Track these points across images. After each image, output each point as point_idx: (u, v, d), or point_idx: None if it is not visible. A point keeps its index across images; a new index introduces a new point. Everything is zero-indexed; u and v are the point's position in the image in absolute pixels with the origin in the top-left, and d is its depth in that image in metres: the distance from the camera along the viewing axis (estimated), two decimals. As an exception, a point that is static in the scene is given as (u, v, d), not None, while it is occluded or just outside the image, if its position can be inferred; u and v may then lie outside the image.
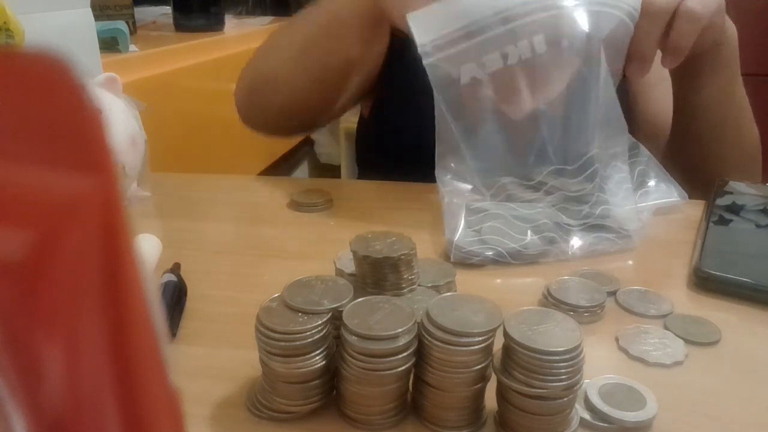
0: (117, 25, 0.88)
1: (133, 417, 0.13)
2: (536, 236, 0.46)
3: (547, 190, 0.49)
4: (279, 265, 0.45)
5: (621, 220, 0.47)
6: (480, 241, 0.45)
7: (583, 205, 0.48)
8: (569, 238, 0.46)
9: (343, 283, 0.30)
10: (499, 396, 0.28)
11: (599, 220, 0.47)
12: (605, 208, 0.48)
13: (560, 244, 0.46)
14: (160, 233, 0.45)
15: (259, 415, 0.29)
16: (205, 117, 1.06)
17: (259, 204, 0.55)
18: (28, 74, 0.11)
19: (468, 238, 0.45)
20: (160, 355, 0.13)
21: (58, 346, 0.12)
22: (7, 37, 0.49)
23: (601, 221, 0.47)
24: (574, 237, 0.46)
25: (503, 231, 0.46)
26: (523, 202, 0.49)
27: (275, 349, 0.27)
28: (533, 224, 0.46)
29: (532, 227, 0.46)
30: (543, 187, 0.50)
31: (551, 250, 0.45)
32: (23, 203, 0.11)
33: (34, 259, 0.11)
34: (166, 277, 0.39)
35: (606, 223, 0.47)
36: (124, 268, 0.12)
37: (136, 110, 0.54)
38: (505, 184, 0.50)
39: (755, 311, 0.39)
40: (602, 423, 0.28)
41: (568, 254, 0.45)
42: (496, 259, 0.44)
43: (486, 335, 0.26)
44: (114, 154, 0.12)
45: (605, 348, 0.35)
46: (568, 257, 0.45)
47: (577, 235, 0.47)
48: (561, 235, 0.46)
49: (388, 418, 0.28)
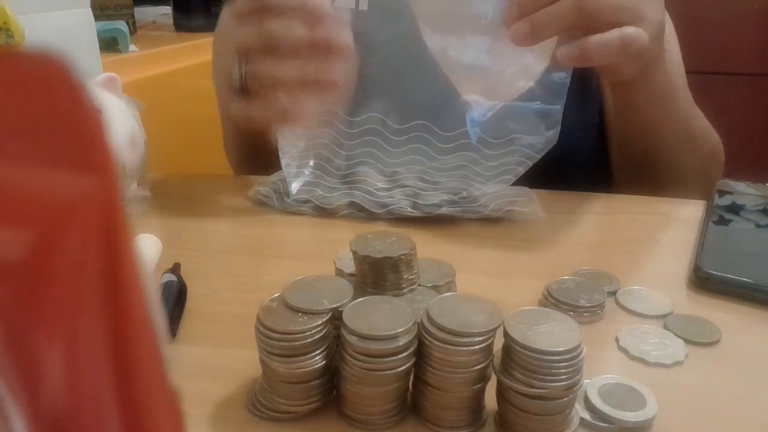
0: (117, 25, 0.88)
1: (133, 417, 0.13)
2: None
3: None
4: (279, 265, 0.45)
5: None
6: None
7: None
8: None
9: (343, 283, 0.30)
10: (499, 396, 0.28)
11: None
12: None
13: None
14: (160, 233, 0.45)
15: (259, 415, 0.29)
16: (205, 117, 1.06)
17: (259, 204, 0.55)
18: (28, 74, 0.11)
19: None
20: (160, 355, 0.13)
21: (58, 346, 0.12)
22: (7, 37, 0.49)
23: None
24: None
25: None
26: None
27: (275, 349, 0.27)
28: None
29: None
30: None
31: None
32: (23, 203, 0.11)
33: (34, 259, 0.11)
34: (166, 277, 0.39)
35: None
36: (124, 268, 0.12)
37: (136, 110, 0.54)
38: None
39: (755, 311, 0.39)
40: (602, 423, 0.28)
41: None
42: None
43: (486, 335, 0.26)
44: (114, 154, 0.12)
45: (605, 348, 0.35)
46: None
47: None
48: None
49: (388, 418, 0.28)
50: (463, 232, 0.49)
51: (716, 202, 0.52)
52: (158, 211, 0.55)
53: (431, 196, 0.51)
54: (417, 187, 0.53)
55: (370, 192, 0.52)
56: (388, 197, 0.51)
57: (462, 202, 0.51)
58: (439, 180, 0.54)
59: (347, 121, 0.55)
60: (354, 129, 0.55)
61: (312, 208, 0.52)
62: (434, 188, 0.53)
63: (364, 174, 0.54)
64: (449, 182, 0.53)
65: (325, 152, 0.55)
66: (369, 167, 0.55)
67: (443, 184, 0.53)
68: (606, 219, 0.53)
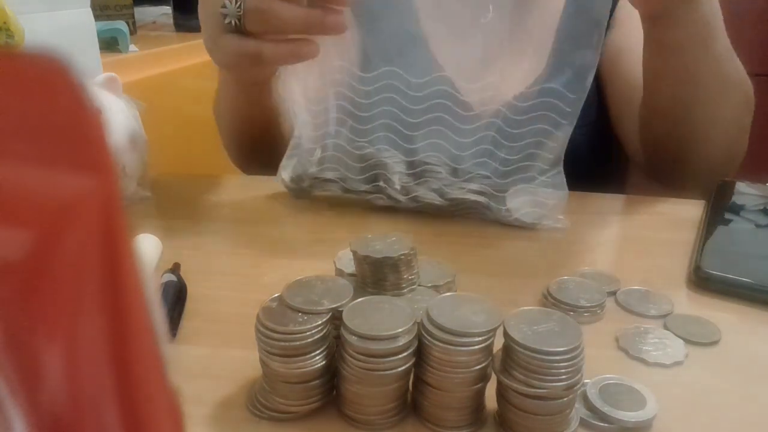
0: (117, 25, 0.88)
1: (132, 417, 0.13)
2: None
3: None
4: (279, 265, 0.45)
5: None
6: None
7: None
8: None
9: (343, 283, 0.30)
10: (499, 396, 0.28)
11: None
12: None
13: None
14: (160, 233, 0.45)
15: (259, 415, 0.29)
16: (206, 117, 1.06)
17: (259, 204, 0.55)
18: (28, 74, 0.11)
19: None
20: (160, 355, 0.13)
21: (58, 346, 0.12)
22: (7, 37, 0.49)
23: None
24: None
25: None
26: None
27: (275, 349, 0.27)
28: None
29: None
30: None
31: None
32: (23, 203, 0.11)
33: (34, 259, 0.11)
34: (166, 277, 0.39)
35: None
36: (123, 268, 0.12)
37: (136, 110, 0.54)
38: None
39: (755, 311, 0.39)
40: (602, 423, 0.28)
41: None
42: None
43: (486, 335, 0.26)
44: (114, 154, 0.12)
45: (605, 348, 0.35)
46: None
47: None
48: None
49: (388, 418, 0.28)
50: (463, 232, 0.49)
51: (716, 202, 0.52)
52: (158, 211, 0.55)
53: (457, 189, 0.50)
54: (441, 176, 0.51)
55: (391, 180, 0.51)
56: (413, 185, 0.50)
57: (490, 198, 0.49)
58: (465, 158, 0.51)
59: (360, 79, 0.52)
60: (368, 86, 0.52)
61: (338, 188, 0.52)
62: (461, 180, 0.51)
63: (388, 160, 0.52)
64: (475, 164, 0.51)
65: (343, 115, 0.53)
66: (391, 153, 0.52)
67: (468, 163, 0.51)
68: (606, 219, 0.53)
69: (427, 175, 0.51)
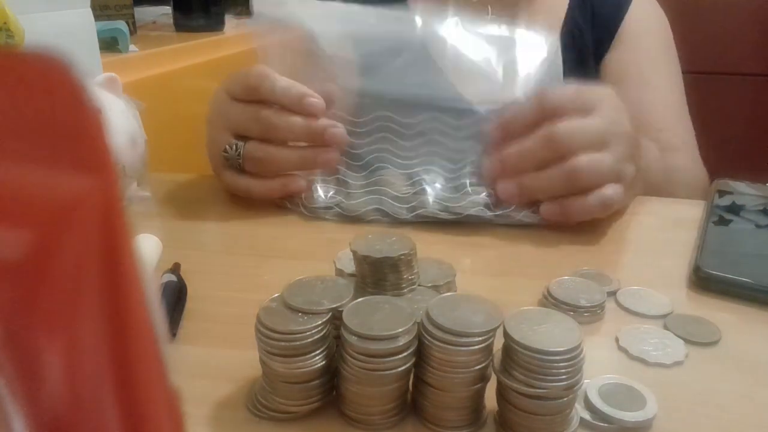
0: (117, 25, 0.88)
1: (132, 417, 0.13)
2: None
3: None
4: (279, 265, 0.45)
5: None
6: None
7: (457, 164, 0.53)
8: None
9: (343, 283, 0.30)
10: (499, 396, 0.28)
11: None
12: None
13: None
14: (160, 233, 0.45)
15: (259, 415, 0.29)
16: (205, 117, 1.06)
17: (259, 204, 0.55)
18: (28, 74, 0.11)
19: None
20: (160, 355, 0.13)
21: (58, 345, 0.12)
22: (7, 37, 0.49)
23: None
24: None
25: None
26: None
27: (275, 349, 0.27)
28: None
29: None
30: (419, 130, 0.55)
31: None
32: (23, 203, 0.11)
33: (34, 259, 0.11)
34: (166, 277, 0.39)
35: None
36: (123, 269, 0.12)
37: (136, 110, 0.54)
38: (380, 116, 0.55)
39: (755, 311, 0.39)
40: (602, 423, 0.28)
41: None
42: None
43: (486, 335, 0.26)
44: (114, 154, 0.12)
45: (605, 348, 0.35)
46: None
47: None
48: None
49: (388, 418, 0.28)
50: (463, 232, 0.49)
51: (716, 202, 0.52)
52: (158, 211, 0.55)
53: (461, 200, 0.51)
54: (443, 189, 0.52)
55: (396, 197, 0.52)
56: (417, 202, 0.51)
57: (491, 206, 0.50)
58: (463, 172, 0.52)
59: (354, 123, 0.55)
60: (363, 129, 0.55)
61: (335, 215, 0.52)
62: (462, 192, 0.52)
63: (388, 178, 0.54)
64: (474, 178, 0.52)
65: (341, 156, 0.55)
66: (390, 172, 0.54)
67: (466, 174, 0.52)
68: (606, 219, 0.53)
69: (425, 190, 0.52)
